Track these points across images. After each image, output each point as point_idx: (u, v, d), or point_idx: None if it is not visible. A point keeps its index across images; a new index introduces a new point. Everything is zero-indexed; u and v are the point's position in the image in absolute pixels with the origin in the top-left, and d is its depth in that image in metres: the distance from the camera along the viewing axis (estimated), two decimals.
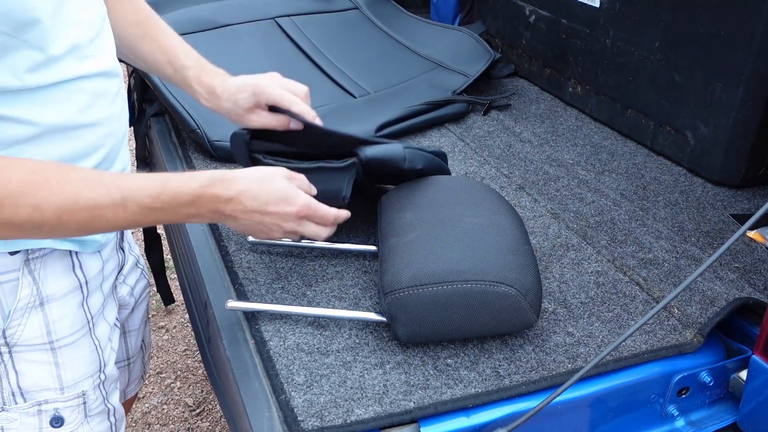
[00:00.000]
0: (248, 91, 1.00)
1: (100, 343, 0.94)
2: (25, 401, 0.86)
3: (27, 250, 0.82)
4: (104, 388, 0.95)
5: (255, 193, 0.84)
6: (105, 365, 0.95)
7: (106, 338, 0.96)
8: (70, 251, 0.87)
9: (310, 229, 0.90)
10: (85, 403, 0.92)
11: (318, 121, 1.00)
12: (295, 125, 1.01)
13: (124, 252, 1.06)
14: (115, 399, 0.99)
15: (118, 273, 1.03)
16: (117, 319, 1.01)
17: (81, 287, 0.90)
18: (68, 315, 0.88)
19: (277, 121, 1.01)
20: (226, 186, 0.82)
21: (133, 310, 1.12)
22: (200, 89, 1.04)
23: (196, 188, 0.81)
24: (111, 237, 0.96)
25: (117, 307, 1.02)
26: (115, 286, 1.02)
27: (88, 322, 0.91)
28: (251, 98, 1.00)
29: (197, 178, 0.81)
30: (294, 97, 1.00)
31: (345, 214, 0.93)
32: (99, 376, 0.94)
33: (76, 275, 0.89)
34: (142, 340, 1.20)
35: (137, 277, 1.11)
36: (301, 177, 0.91)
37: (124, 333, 1.12)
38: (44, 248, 0.84)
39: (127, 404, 1.23)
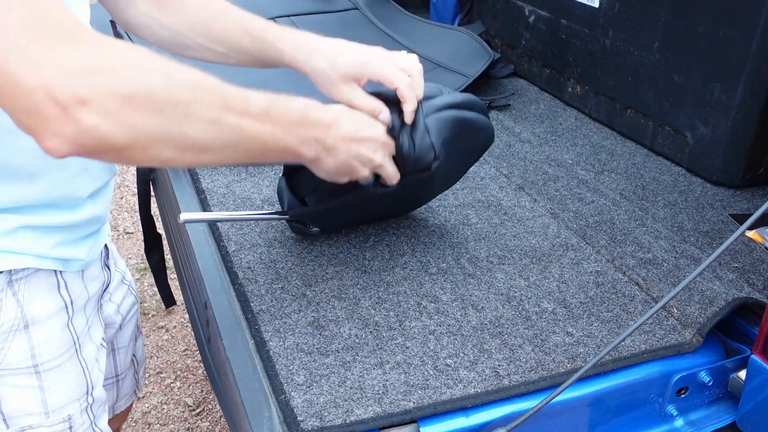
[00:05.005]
0: (354, 57, 0.88)
1: (87, 365, 0.91)
2: (8, 427, 0.84)
3: (10, 271, 0.79)
4: (92, 411, 0.92)
5: (349, 117, 0.83)
6: (93, 387, 0.92)
7: (93, 359, 0.93)
8: (55, 271, 0.84)
9: (390, 167, 0.88)
10: (71, 427, 0.89)
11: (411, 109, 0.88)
12: (384, 117, 0.87)
13: (109, 269, 1.02)
14: (104, 422, 0.96)
15: (104, 291, 1.01)
16: (104, 338, 0.98)
17: (66, 308, 0.87)
18: (54, 337, 0.85)
19: (367, 105, 0.87)
20: (325, 109, 0.80)
21: (121, 327, 1.09)
22: (283, 46, 0.91)
23: (302, 107, 0.76)
24: (96, 255, 0.93)
25: (103, 326, 0.99)
26: (101, 305, 1.00)
27: (74, 343, 0.89)
28: (355, 66, 0.88)
29: (299, 99, 0.76)
30: (405, 77, 0.88)
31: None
32: (86, 399, 0.91)
33: (62, 295, 0.86)
34: (134, 356, 1.17)
35: (124, 294, 1.08)
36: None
37: (112, 351, 1.10)
38: (28, 269, 0.81)
39: (119, 418, 1.21)
